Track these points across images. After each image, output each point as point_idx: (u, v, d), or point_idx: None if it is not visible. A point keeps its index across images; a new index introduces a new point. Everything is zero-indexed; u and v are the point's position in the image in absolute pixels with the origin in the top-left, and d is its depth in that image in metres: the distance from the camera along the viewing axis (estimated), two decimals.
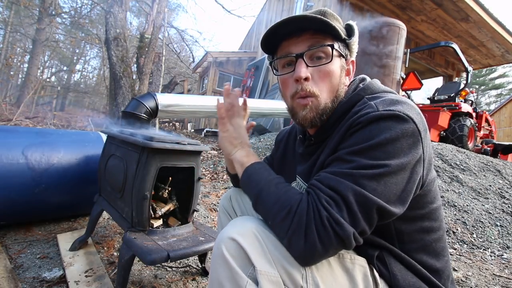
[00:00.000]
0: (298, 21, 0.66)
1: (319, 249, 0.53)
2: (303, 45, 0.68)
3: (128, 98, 4.60)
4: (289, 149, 0.93)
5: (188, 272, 1.48)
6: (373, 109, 0.60)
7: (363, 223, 0.54)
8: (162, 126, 9.44)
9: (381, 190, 0.54)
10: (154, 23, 5.78)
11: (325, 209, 0.54)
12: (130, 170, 1.26)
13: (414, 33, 7.40)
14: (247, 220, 0.62)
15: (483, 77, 22.34)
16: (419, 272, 0.64)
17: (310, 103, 0.69)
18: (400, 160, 0.56)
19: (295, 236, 0.54)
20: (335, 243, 0.53)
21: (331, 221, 0.52)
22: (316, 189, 0.58)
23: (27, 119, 6.03)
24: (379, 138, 0.56)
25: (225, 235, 0.58)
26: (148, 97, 2.24)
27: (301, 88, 0.68)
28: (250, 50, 10.63)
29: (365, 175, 0.54)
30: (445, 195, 2.75)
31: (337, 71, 0.70)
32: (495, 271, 1.81)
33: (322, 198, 0.55)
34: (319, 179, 0.59)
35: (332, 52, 0.68)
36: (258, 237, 0.58)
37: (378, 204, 0.54)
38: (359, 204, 0.53)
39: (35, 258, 1.46)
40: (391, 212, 0.56)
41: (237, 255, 0.56)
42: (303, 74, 0.67)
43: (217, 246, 0.59)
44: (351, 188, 0.54)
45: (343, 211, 0.53)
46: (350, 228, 0.53)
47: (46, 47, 12.77)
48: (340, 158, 0.60)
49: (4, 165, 1.52)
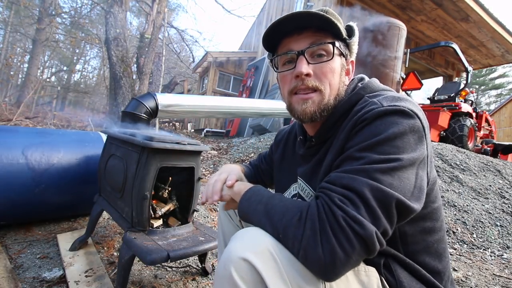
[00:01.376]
0: (301, 18, 0.66)
1: (340, 256, 0.47)
2: (304, 42, 0.68)
3: (128, 98, 4.60)
4: (289, 149, 0.92)
5: (188, 272, 1.48)
6: (378, 105, 0.60)
7: (384, 221, 0.49)
8: (162, 126, 9.44)
9: (397, 184, 0.51)
10: (154, 23, 5.78)
11: (340, 208, 0.49)
12: (130, 170, 1.25)
13: (414, 33, 7.40)
14: (259, 234, 0.55)
15: (483, 77, 22.35)
16: (423, 277, 0.63)
17: (314, 97, 0.68)
18: (410, 155, 0.54)
19: (310, 245, 0.49)
20: (357, 246, 0.47)
21: (348, 220, 0.48)
22: (327, 190, 0.54)
23: (27, 119, 6.03)
24: (387, 132, 0.55)
25: (234, 253, 0.51)
26: (148, 97, 2.24)
27: (302, 83, 0.68)
28: (250, 50, 10.62)
29: (379, 169, 0.51)
30: (445, 195, 2.75)
31: (337, 69, 0.70)
32: (495, 271, 1.81)
33: (334, 197, 0.51)
34: (330, 180, 0.56)
35: (333, 50, 0.68)
36: (274, 254, 0.51)
37: (397, 198, 0.50)
38: (377, 199, 0.49)
39: (35, 258, 1.46)
40: (410, 207, 0.52)
41: (249, 279, 0.49)
42: (305, 70, 0.66)
43: (223, 267, 0.51)
44: (367, 183, 0.50)
45: (360, 208, 0.49)
46: (371, 226, 0.48)
47: (46, 47, 12.76)
48: (350, 156, 0.57)
49: (4, 165, 1.52)
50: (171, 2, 15.01)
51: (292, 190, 0.85)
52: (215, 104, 2.97)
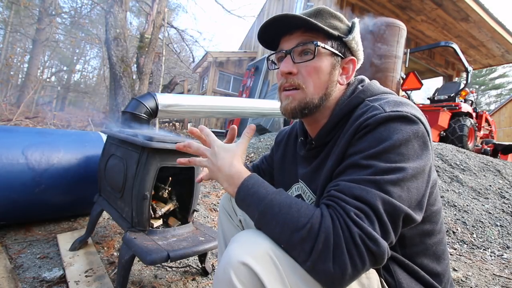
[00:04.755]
0: (286, 19, 0.68)
1: (349, 271, 0.47)
2: (294, 42, 0.70)
3: (128, 98, 4.60)
4: (289, 150, 0.92)
5: (188, 272, 1.48)
6: (380, 111, 0.59)
7: (392, 234, 0.50)
8: (162, 126, 9.44)
9: (405, 196, 0.52)
10: (154, 23, 5.77)
11: (356, 224, 0.48)
12: (130, 170, 1.26)
13: (414, 33, 7.41)
14: (259, 237, 0.54)
15: (483, 77, 22.35)
16: (422, 279, 0.63)
17: (295, 95, 0.70)
18: (416, 163, 0.54)
19: (320, 259, 0.48)
20: (368, 263, 0.47)
21: (364, 238, 0.47)
22: (340, 201, 0.52)
23: (27, 119, 6.03)
24: (392, 139, 0.54)
25: (233, 258, 0.50)
26: (148, 97, 2.24)
27: (286, 81, 0.71)
28: (250, 50, 10.63)
29: (389, 181, 0.51)
30: (445, 195, 2.75)
31: (325, 68, 0.70)
32: (495, 271, 1.81)
33: (350, 211, 0.50)
34: (340, 189, 0.54)
35: (315, 49, 0.68)
36: (274, 259, 0.50)
37: (405, 212, 0.51)
38: (387, 213, 0.50)
39: (35, 258, 1.46)
40: (415, 219, 0.53)
41: (249, 283, 0.49)
42: (285, 69, 0.69)
43: (223, 271, 0.50)
44: (379, 197, 0.50)
45: (374, 224, 0.48)
46: (384, 243, 0.48)
47: (46, 47, 12.77)
48: (355, 164, 0.56)
49: (4, 165, 1.52)
50: (171, 2, 15.02)
51: (294, 191, 0.85)
52: (215, 104, 2.97)
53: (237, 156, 0.66)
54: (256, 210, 0.56)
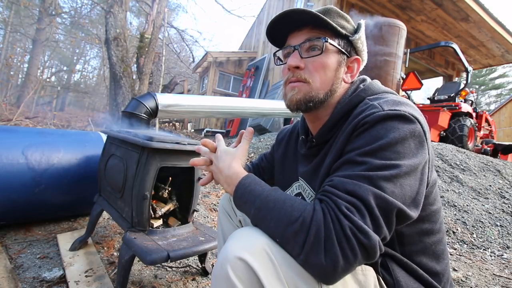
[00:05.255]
0: (296, 14, 0.70)
1: (341, 264, 0.48)
2: (302, 38, 0.72)
3: (128, 98, 4.60)
4: (291, 148, 0.92)
5: (188, 272, 1.48)
6: (378, 109, 0.60)
7: (385, 229, 0.51)
8: (162, 126, 9.44)
9: (398, 192, 0.53)
10: (154, 23, 5.77)
11: (346, 217, 0.49)
12: (130, 170, 1.26)
13: (414, 33, 7.41)
14: (255, 233, 0.55)
15: (483, 77, 22.35)
16: (421, 278, 0.64)
17: (301, 87, 0.71)
18: (411, 161, 0.55)
19: (313, 252, 0.49)
20: (360, 256, 0.48)
21: (355, 231, 0.48)
22: (331, 195, 0.54)
23: (27, 119, 6.02)
24: (388, 137, 0.55)
25: (230, 253, 0.51)
26: (148, 97, 2.25)
27: (292, 75, 0.72)
28: (250, 50, 10.63)
29: (382, 177, 0.52)
30: (445, 195, 2.75)
31: (331, 65, 0.71)
32: (495, 271, 1.81)
33: (341, 204, 0.51)
34: (333, 184, 0.55)
35: (323, 46, 0.69)
36: (270, 254, 0.52)
37: (398, 207, 0.51)
38: (380, 208, 0.50)
39: (35, 258, 1.46)
40: (409, 215, 0.54)
41: (245, 278, 0.50)
42: (293, 63, 0.70)
43: (220, 266, 0.51)
44: (371, 192, 0.51)
45: (365, 217, 0.49)
46: (375, 236, 0.49)
47: (46, 47, 12.78)
48: (351, 160, 0.57)
49: (4, 165, 1.52)
50: (171, 2, 15.02)
51: (294, 189, 0.85)
52: (215, 104, 2.97)
53: (237, 158, 0.70)
54: (252, 207, 0.59)
